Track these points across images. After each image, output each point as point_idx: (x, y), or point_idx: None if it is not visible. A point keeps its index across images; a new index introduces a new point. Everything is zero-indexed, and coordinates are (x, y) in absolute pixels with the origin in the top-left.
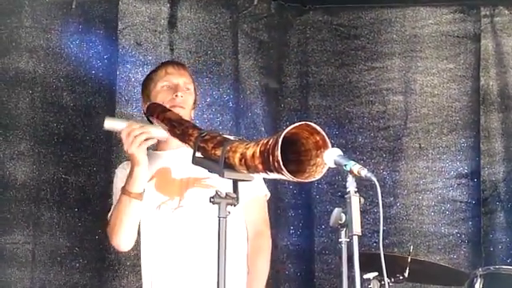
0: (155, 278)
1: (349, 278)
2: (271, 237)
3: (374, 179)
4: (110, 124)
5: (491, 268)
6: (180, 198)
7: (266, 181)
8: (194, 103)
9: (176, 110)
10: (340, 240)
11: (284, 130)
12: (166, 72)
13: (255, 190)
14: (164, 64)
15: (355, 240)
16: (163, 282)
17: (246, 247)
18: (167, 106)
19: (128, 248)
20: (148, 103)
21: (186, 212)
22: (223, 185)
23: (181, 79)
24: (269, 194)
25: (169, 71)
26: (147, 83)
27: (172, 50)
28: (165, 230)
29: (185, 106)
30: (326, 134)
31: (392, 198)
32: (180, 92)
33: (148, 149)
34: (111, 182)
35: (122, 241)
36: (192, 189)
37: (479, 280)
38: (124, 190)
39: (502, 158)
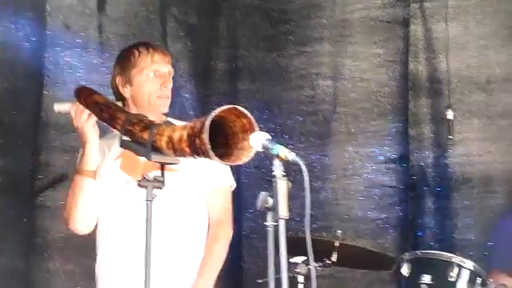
0: (114, 258)
1: (276, 261)
2: None
3: (301, 163)
4: (58, 107)
5: (418, 253)
6: None
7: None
8: None
9: (162, 101)
10: (266, 224)
11: (211, 113)
12: (152, 59)
13: (220, 180)
14: (148, 48)
15: (281, 224)
16: (122, 261)
17: (205, 233)
18: (155, 96)
19: (87, 231)
20: (80, 87)
21: None
22: (188, 169)
23: (166, 67)
24: (234, 185)
25: (155, 59)
26: (128, 66)
27: (101, 32)
28: (126, 210)
29: (169, 95)
30: (255, 118)
31: (320, 183)
32: (168, 83)
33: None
34: (39, 165)
35: (79, 223)
36: (156, 171)
37: (406, 264)
38: (77, 170)
39: (431, 143)
